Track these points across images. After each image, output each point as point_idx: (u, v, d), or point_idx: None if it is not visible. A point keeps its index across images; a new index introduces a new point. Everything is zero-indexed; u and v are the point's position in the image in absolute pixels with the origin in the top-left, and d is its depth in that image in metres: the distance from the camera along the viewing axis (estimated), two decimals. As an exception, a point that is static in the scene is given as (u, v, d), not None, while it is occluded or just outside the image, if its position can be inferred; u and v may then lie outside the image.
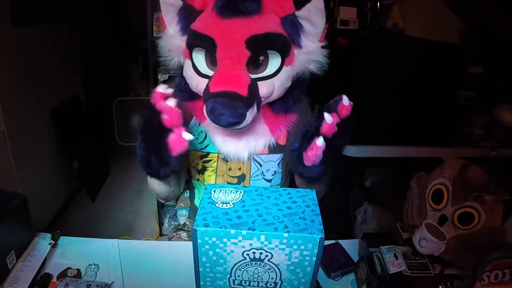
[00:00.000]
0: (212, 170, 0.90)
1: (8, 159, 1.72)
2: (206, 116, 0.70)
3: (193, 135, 0.88)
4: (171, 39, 0.77)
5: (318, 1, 0.67)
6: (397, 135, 1.59)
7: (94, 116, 2.84)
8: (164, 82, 2.02)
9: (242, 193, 0.65)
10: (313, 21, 0.70)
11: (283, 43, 0.71)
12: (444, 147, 1.61)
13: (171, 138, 0.63)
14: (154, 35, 1.85)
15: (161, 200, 0.96)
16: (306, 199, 0.64)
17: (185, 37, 0.74)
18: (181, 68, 0.81)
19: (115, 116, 3.18)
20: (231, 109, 0.66)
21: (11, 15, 1.71)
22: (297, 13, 0.70)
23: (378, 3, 1.91)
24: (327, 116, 0.64)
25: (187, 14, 0.73)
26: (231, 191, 0.65)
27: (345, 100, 0.66)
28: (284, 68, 0.73)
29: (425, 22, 1.88)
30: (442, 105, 1.57)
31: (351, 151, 1.57)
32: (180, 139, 0.63)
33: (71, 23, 2.45)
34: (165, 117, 0.61)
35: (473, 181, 0.76)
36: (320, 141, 0.65)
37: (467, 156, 0.85)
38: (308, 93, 0.87)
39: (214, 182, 0.91)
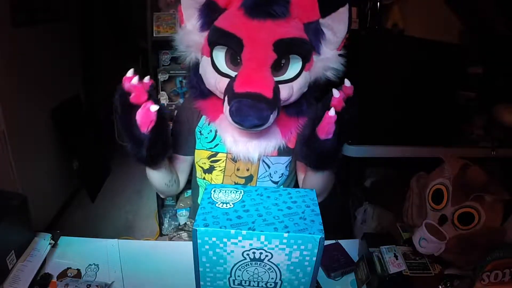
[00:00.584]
0: (220, 170, 0.90)
1: (8, 159, 1.72)
2: (228, 116, 0.69)
3: (203, 134, 0.90)
4: (190, 34, 0.75)
5: (343, 11, 0.69)
6: (397, 135, 1.59)
7: (94, 116, 2.84)
8: (164, 82, 2.02)
9: (242, 193, 0.65)
10: (335, 30, 0.71)
11: (307, 49, 0.71)
12: (444, 147, 1.61)
13: (138, 113, 0.64)
14: (154, 35, 1.85)
15: (161, 195, 0.97)
16: (306, 199, 0.64)
17: (204, 34, 0.73)
18: (196, 64, 0.79)
19: (115, 116, 3.17)
20: (256, 111, 0.66)
21: (11, 15, 1.72)
22: (321, 20, 0.70)
23: (378, 3, 1.91)
24: (335, 91, 0.67)
25: (209, 11, 0.72)
26: (231, 191, 0.65)
27: (347, 82, 0.69)
28: (304, 73, 0.74)
29: (425, 22, 1.88)
30: (442, 105, 1.57)
31: (351, 151, 1.57)
32: (146, 112, 0.64)
33: (71, 23, 2.45)
34: (131, 96, 0.64)
35: (473, 181, 0.76)
36: (332, 111, 0.66)
37: (467, 156, 0.85)
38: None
39: (221, 182, 0.91)
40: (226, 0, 0.70)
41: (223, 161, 0.89)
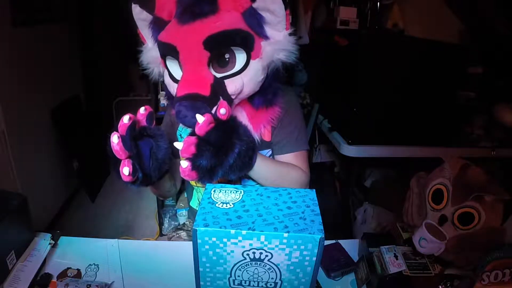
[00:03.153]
0: None
1: (8, 159, 1.72)
2: (176, 119, 0.73)
3: (183, 137, 0.91)
4: (150, 51, 0.81)
5: None
6: (397, 135, 1.59)
7: (94, 116, 2.84)
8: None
9: (242, 193, 0.65)
10: (271, 9, 0.70)
11: (243, 37, 0.71)
12: (444, 147, 1.61)
13: (119, 167, 0.67)
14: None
15: (160, 197, 0.98)
16: (306, 199, 0.64)
17: None
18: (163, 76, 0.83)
19: (115, 116, 3.18)
20: (194, 110, 0.68)
21: (11, 15, 1.72)
22: (254, 5, 0.70)
23: (378, 3, 1.91)
24: (176, 144, 0.67)
25: (158, 26, 0.76)
26: (231, 191, 0.65)
27: (199, 118, 0.64)
28: (252, 62, 0.73)
29: (425, 22, 1.88)
30: (442, 105, 1.57)
31: (351, 151, 1.57)
32: (122, 172, 0.66)
33: (71, 23, 2.45)
34: (114, 150, 0.66)
35: (473, 181, 0.76)
36: (183, 164, 0.65)
37: (467, 156, 0.85)
38: (307, 92, 0.88)
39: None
40: (168, 13, 0.74)
41: None
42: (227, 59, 0.72)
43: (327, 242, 0.95)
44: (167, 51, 0.73)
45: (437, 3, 1.96)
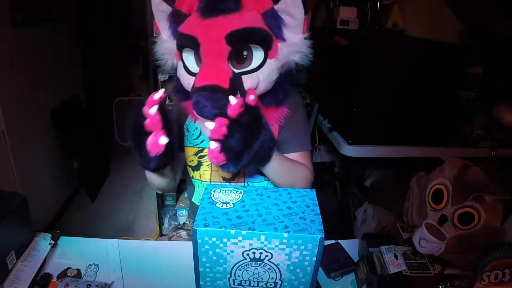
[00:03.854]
0: (207, 165, 0.92)
1: (8, 159, 1.72)
2: (193, 109, 0.72)
3: (189, 131, 0.92)
4: (165, 43, 0.82)
5: None
6: (397, 135, 1.59)
7: (94, 116, 2.84)
8: (164, 82, 2.02)
9: (242, 193, 0.65)
10: (291, 13, 0.72)
11: (263, 36, 0.73)
12: (444, 147, 1.61)
13: (149, 140, 0.67)
14: (154, 35, 1.85)
15: (158, 191, 0.98)
16: (306, 199, 0.64)
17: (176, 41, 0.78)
18: (175, 69, 0.84)
19: (115, 116, 3.18)
20: (213, 101, 0.69)
21: (11, 15, 1.72)
22: (275, 7, 0.72)
23: (378, 3, 1.91)
24: (208, 124, 0.68)
25: (176, 19, 0.77)
26: (231, 191, 0.65)
27: (232, 100, 0.67)
28: (268, 61, 0.75)
29: (425, 22, 1.88)
30: (442, 105, 1.57)
31: (351, 151, 1.57)
32: (156, 142, 0.67)
33: (71, 23, 2.45)
34: (147, 121, 0.67)
35: (473, 181, 0.76)
36: (212, 145, 0.67)
37: (467, 156, 0.85)
38: (307, 92, 0.88)
39: (209, 177, 0.92)
40: (188, 7, 0.76)
41: None
42: (244, 56, 0.74)
43: (327, 242, 0.95)
44: (187, 42, 0.74)
45: (437, 3, 1.96)
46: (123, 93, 3.17)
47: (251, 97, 0.68)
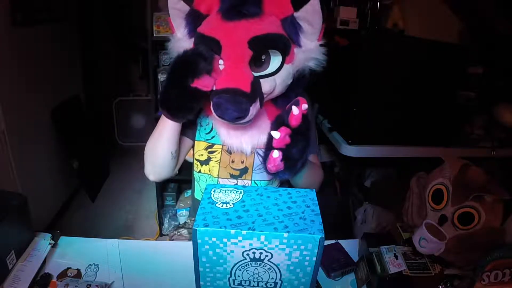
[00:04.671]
0: (216, 161, 0.93)
1: (8, 159, 1.72)
2: (213, 111, 0.74)
3: (202, 126, 0.93)
4: (179, 42, 0.81)
5: (315, 2, 0.71)
6: (397, 135, 1.59)
7: (94, 116, 2.84)
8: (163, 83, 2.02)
9: (242, 193, 0.65)
10: (311, 21, 0.73)
11: (284, 42, 0.74)
12: (444, 147, 1.61)
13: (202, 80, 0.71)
14: (154, 35, 1.85)
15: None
16: (306, 199, 0.64)
17: (192, 40, 0.79)
18: None
19: (115, 116, 3.18)
20: (235, 104, 0.71)
21: (11, 15, 1.71)
22: (296, 14, 0.73)
23: (378, 3, 1.91)
24: (274, 133, 0.69)
25: (194, 19, 0.77)
26: (231, 191, 0.65)
27: (295, 110, 0.69)
28: (285, 66, 0.77)
29: (425, 22, 1.88)
30: (442, 105, 1.57)
31: (351, 151, 1.57)
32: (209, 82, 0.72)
33: (71, 23, 2.45)
34: (199, 82, 0.70)
35: (473, 181, 0.76)
36: (275, 154, 0.70)
37: (467, 156, 0.85)
38: (307, 92, 0.89)
39: (217, 173, 0.93)
40: (207, 7, 0.76)
41: (219, 153, 0.92)
42: (263, 60, 0.75)
43: (327, 242, 0.95)
44: (209, 44, 0.74)
45: (437, 3, 1.96)
46: (123, 93, 3.17)
47: (304, 106, 0.69)
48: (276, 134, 0.69)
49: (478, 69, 1.80)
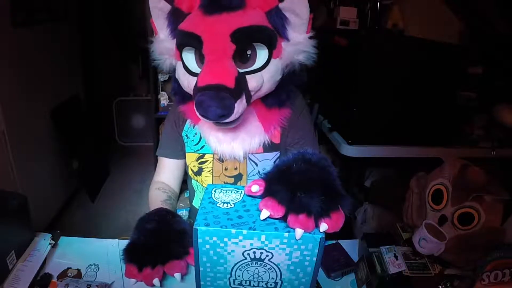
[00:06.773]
0: (209, 171, 0.91)
1: (8, 159, 1.72)
2: (196, 110, 0.70)
3: (189, 138, 0.91)
4: (162, 43, 0.79)
5: None
6: (397, 135, 1.59)
7: (94, 116, 2.84)
8: (164, 82, 2.02)
9: (243, 193, 0.65)
10: (297, 12, 0.70)
11: (268, 35, 0.71)
12: (444, 147, 1.61)
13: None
14: (154, 35, 1.85)
15: None
16: (306, 199, 0.64)
17: (175, 40, 0.76)
18: (174, 70, 0.82)
19: (115, 116, 3.18)
20: (218, 101, 0.67)
21: (11, 15, 1.71)
22: (281, 5, 0.70)
23: (378, 3, 1.91)
24: (263, 214, 0.58)
25: (175, 18, 0.75)
26: (231, 191, 0.65)
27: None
28: (272, 60, 0.74)
29: (425, 22, 1.88)
30: (442, 105, 1.57)
31: (351, 151, 1.57)
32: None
33: (71, 23, 2.45)
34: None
35: (473, 181, 0.76)
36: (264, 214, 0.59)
37: (467, 156, 0.85)
38: (307, 92, 0.88)
39: (211, 183, 0.91)
40: (188, 5, 0.73)
41: (210, 162, 0.90)
42: (248, 55, 0.72)
43: (327, 242, 0.95)
44: (189, 40, 0.71)
45: (437, 3, 1.96)
46: (123, 93, 3.17)
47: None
48: (264, 214, 0.58)
49: (478, 69, 1.80)
